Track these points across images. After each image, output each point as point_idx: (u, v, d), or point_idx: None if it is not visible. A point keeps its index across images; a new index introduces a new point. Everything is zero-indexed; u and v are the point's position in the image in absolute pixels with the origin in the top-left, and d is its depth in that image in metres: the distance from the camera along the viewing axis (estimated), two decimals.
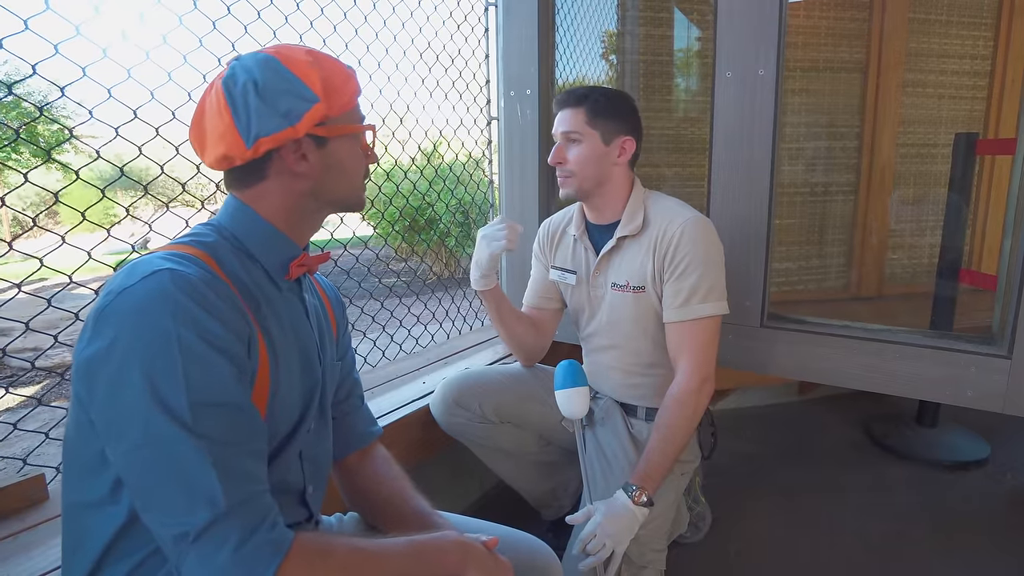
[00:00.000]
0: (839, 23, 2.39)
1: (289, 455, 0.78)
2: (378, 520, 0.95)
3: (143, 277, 0.62)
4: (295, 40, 1.48)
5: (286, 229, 0.78)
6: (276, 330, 0.75)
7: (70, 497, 0.70)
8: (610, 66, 2.53)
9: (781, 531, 1.67)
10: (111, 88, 1.16)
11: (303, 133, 0.72)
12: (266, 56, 0.72)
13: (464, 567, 0.74)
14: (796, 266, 2.52)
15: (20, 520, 1.02)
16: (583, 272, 1.42)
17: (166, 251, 0.69)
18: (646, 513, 1.18)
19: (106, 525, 0.66)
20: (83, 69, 1.12)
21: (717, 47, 1.57)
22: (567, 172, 1.32)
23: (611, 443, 1.36)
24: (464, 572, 0.74)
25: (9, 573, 0.90)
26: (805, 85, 2.41)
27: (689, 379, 1.26)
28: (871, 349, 1.49)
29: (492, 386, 1.44)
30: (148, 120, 1.22)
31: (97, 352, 0.61)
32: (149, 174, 1.59)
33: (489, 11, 2.09)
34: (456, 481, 1.72)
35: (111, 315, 0.61)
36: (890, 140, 2.45)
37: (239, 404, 0.65)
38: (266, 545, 0.60)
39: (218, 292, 0.65)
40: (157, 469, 0.59)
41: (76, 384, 0.64)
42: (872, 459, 2.07)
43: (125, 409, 0.59)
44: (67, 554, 0.71)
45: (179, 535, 0.58)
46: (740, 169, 1.58)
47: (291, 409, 0.78)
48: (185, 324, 0.61)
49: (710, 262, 1.27)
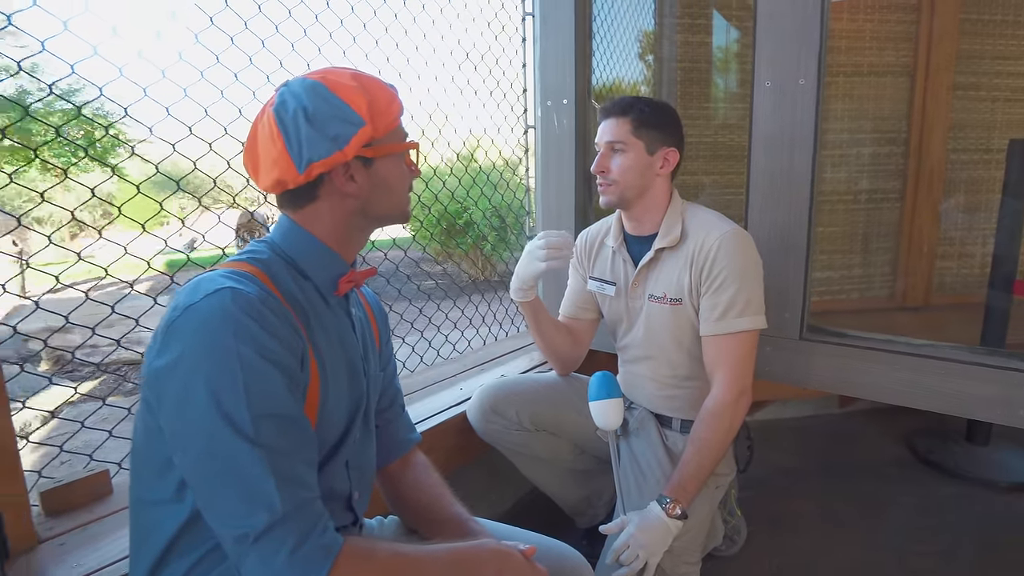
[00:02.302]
0: (884, 26, 2.33)
1: (337, 463, 0.82)
2: (418, 525, 0.99)
3: (206, 295, 0.67)
4: (340, 52, 1.54)
5: (336, 246, 0.82)
6: (325, 344, 0.79)
7: (138, 494, 0.75)
8: (647, 74, 2.52)
9: (818, 547, 1.64)
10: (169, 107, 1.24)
11: (351, 156, 0.76)
12: (313, 82, 0.76)
13: (502, 574, 0.77)
14: (838, 275, 2.46)
15: (88, 512, 1.10)
16: (621, 283, 1.43)
17: (226, 268, 0.73)
18: (680, 526, 1.18)
19: (170, 522, 0.71)
20: (144, 89, 1.19)
21: (756, 56, 1.56)
22: (610, 181, 1.32)
23: (645, 454, 1.36)
24: None
25: (80, 562, 0.96)
26: (848, 90, 2.36)
27: (725, 392, 1.26)
28: (915, 364, 1.45)
29: (528, 394, 1.46)
30: (202, 136, 1.29)
31: (166, 365, 0.65)
32: (199, 179, 1.67)
33: (526, 21, 2.12)
34: (491, 487, 1.75)
35: (178, 330, 0.66)
36: (939, 145, 2.37)
37: (294, 416, 0.69)
38: (319, 549, 0.64)
39: (274, 309, 0.70)
40: (220, 476, 0.64)
41: (146, 391, 0.69)
42: (916, 476, 2.01)
43: (191, 420, 0.64)
44: (134, 547, 0.76)
45: (240, 536, 0.63)
46: (780, 178, 1.56)
47: (338, 419, 0.82)
48: (245, 341, 0.65)
49: (748, 275, 1.27)
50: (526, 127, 2.16)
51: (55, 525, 1.06)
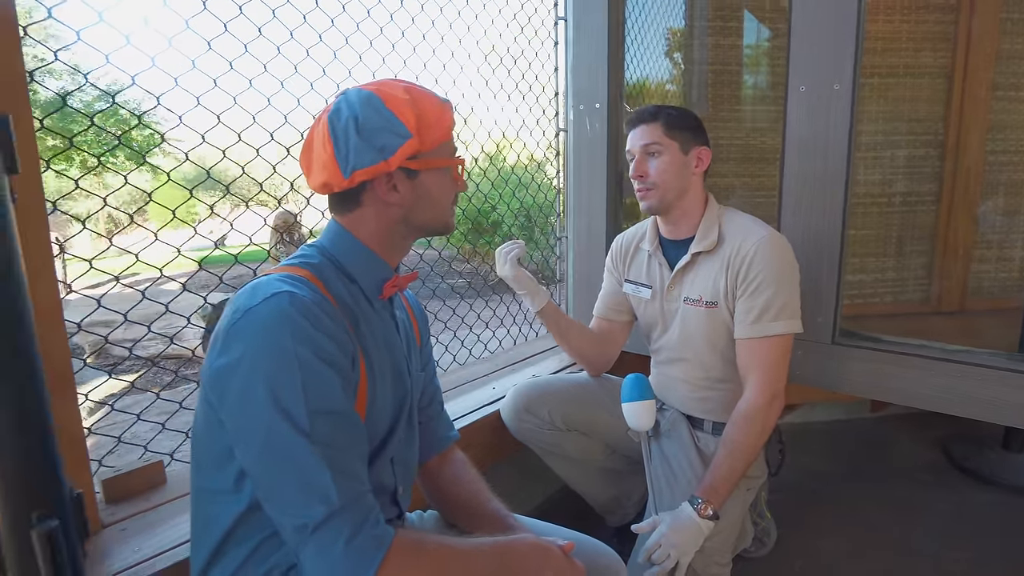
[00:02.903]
0: (921, 27, 2.30)
1: (383, 460, 0.86)
2: (457, 519, 1.02)
3: (265, 299, 0.71)
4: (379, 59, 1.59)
5: (380, 251, 0.85)
6: (372, 345, 0.83)
7: (199, 484, 0.80)
8: (678, 75, 2.52)
9: (849, 550, 1.64)
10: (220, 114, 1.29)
11: (395, 167, 0.79)
12: (368, 93, 0.80)
13: (542, 569, 0.80)
14: (871, 278, 2.44)
15: (145, 500, 1.16)
16: (657, 286, 1.45)
17: (281, 272, 0.78)
18: (711, 527, 1.20)
19: (229, 512, 0.75)
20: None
21: (790, 60, 1.56)
22: (649, 184, 1.33)
23: (677, 455, 1.38)
24: (542, 574, 0.80)
25: (139, 547, 1.02)
26: (883, 92, 2.33)
27: (758, 395, 1.27)
28: (950, 370, 1.44)
29: (561, 395, 1.49)
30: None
31: (227, 365, 0.70)
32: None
33: (559, 25, 2.14)
34: (522, 485, 1.79)
35: (239, 332, 0.70)
36: (978, 147, 2.33)
37: (347, 413, 0.73)
38: (372, 540, 0.68)
39: (327, 312, 0.74)
40: (280, 469, 0.68)
41: (207, 390, 0.74)
42: (950, 482, 1.99)
43: (252, 416, 0.68)
44: (195, 533, 0.81)
45: (299, 527, 0.67)
46: (813, 182, 1.56)
47: (385, 417, 0.86)
48: (302, 342, 0.69)
49: (784, 280, 1.28)
50: (557, 130, 2.19)
51: (116, 511, 1.13)
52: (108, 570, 0.95)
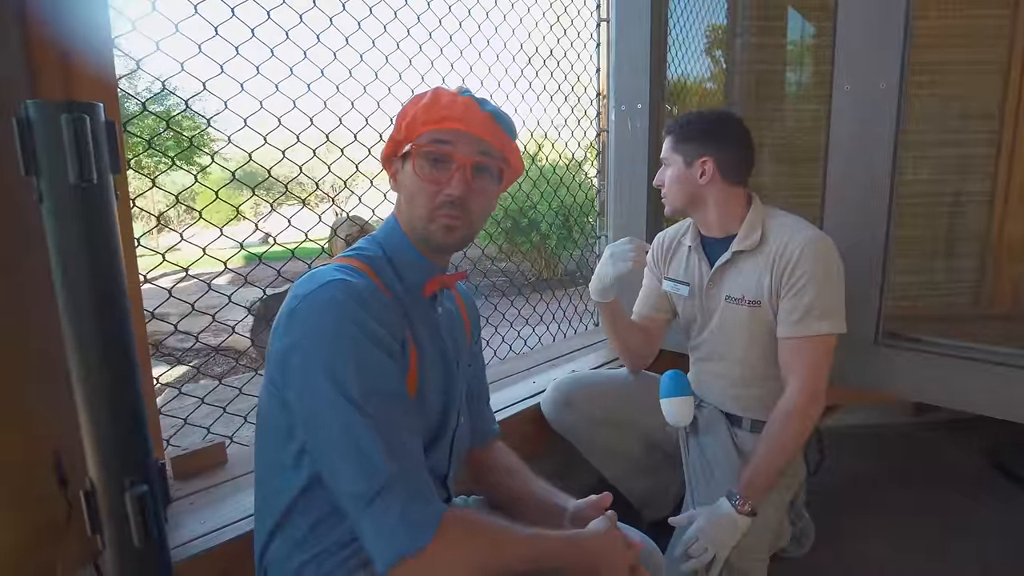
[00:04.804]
0: (974, 21, 2.24)
1: (442, 447, 0.91)
2: (500, 502, 1.06)
3: (320, 285, 0.76)
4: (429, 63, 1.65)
5: (419, 247, 0.89)
6: (422, 335, 0.88)
7: (263, 459, 0.86)
8: (719, 74, 2.52)
9: (888, 555, 1.62)
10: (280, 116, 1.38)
11: (386, 153, 0.89)
12: None
13: (612, 562, 0.84)
14: (918, 280, 2.39)
15: (210, 477, 1.24)
16: (696, 284, 1.47)
17: (337, 263, 0.84)
18: (748, 523, 1.22)
19: (290, 486, 0.81)
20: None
21: (836, 58, 1.55)
22: (663, 194, 1.44)
23: (715, 451, 1.40)
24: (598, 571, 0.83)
25: (205, 520, 1.10)
26: (932, 89, 2.28)
27: (799, 394, 1.28)
28: (997, 373, 1.42)
29: (600, 389, 1.53)
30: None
31: (288, 346, 0.76)
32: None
33: (601, 26, 2.17)
34: (560, 476, 1.82)
35: (298, 316, 0.76)
36: None
37: (399, 392, 0.78)
38: (427, 512, 0.72)
39: (378, 299, 0.79)
40: (336, 443, 0.72)
41: (271, 370, 0.80)
42: (999, 490, 1.94)
43: (311, 393, 0.73)
44: (259, 505, 0.88)
45: (356, 497, 0.71)
46: (858, 182, 1.55)
47: (435, 404, 0.90)
48: (354, 325, 0.74)
49: (829, 280, 1.28)
50: (599, 130, 2.21)
51: (183, 487, 1.21)
52: (181, 538, 1.03)
